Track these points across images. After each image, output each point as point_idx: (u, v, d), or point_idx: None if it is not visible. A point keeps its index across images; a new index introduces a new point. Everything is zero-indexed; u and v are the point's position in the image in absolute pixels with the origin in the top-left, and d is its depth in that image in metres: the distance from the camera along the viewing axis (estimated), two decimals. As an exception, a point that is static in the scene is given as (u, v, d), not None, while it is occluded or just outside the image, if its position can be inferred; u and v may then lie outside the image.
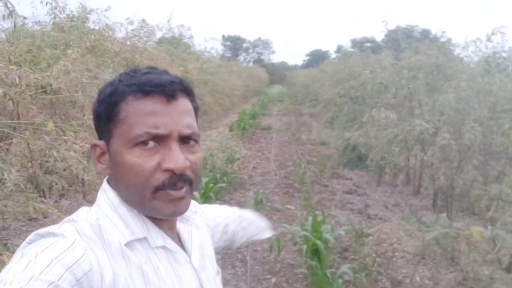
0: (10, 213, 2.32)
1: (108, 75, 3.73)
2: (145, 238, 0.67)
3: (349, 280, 3.53)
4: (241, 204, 5.61)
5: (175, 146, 0.65)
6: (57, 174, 2.77)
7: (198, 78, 8.88)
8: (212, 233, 0.93)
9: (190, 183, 0.68)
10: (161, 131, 0.64)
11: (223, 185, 5.72)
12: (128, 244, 0.64)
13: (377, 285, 3.56)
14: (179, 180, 0.65)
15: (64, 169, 2.66)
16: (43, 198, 2.48)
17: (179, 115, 0.66)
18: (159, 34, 8.50)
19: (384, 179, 6.98)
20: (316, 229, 3.57)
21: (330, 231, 3.75)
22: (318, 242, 3.34)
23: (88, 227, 0.63)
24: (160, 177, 0.64)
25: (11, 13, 3.79)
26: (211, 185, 5.22)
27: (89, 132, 3.08)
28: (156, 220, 0.69)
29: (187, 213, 0.76)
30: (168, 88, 0.66)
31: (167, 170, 0.64)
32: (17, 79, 2.46)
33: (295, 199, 6.07)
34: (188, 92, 0.71)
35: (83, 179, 3.06)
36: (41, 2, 5.21)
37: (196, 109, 0.73)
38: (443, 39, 5.71)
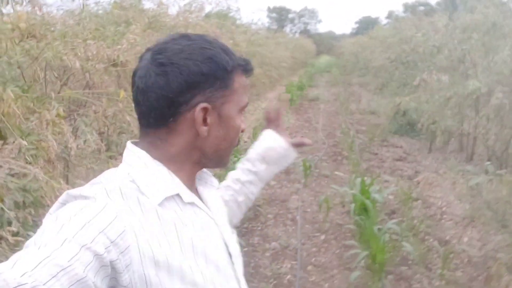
0: (96, 172, 2.70)
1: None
2: (176, 195, 0.70)
3: (397, 239, 3.68)
4: (290, 171, 5.84)
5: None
6: (129, 134, 3.14)
7: (247, 50, 9.05)
8: None
9: None
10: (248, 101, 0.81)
11: (273, 152, 5.95)
12: (161, 201, 0.68)
13: (424, 244, 3.68)
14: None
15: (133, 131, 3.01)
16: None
17: None
18: (208, 8, 8.69)
19: (436, 146, 6.88)
20: (365, 190, 3.73)
21: (378, 191, 3.88)
22: (367, 201, 3.50)
23: (118, 188, 0.65)
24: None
25: (80, -6, 4.17)
26: (262, 151, 5.47)
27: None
28: (183, 179, 0.74)
29: (205, 175, 0.84)
30: (253, 72, 0.81)
31: (242, 130, 0.79)
32: (94, 53, 2.80)
33: (344, 166, 6.19)
34: None
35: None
36: (101, -17, 5.59)
37: None
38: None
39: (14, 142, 2.36)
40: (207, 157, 0.76)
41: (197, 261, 0.68)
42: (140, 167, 0.70)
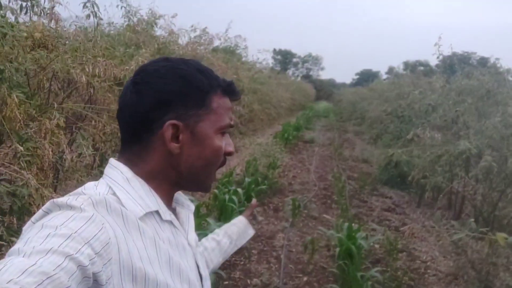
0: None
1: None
2: (155, 212, 0.73)
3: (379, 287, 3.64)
4: (279, 208, 5.83)
5: (228, 134, 0.81)
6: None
7: (249, 86, 9.26)
8: None
9: None
10: (232, 123, 0.80)
11: (264, 187, 5.96)
12: (142, 216, 0.70)
13: (406, 297, 3.64)
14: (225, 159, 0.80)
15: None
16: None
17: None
18: (217, 43, 8.98)
19: (425, 201, 6.93)
20: (351, 235, 3.72)
21: (364, 238, 3.87)
22: (352, 246, 3.49)
23: (103, 200, 0.65)
24: (222, 158, 0.79)
25: (95, 14, 4.31)
26: (253, 186, 5.48)
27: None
28: (162, 197, 0.76)
29: (182, 199, 0.86)
30: (238, 95, 0.83)
31: (228, 153, 0.79)
32: (102, 70, 2.87)
33: (332, 210, 6.19)
34: None
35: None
36: (117, 6, 5.79)
37: None
38: (498, 65, 5.66)
39: (10, 146, 2.37)
40: (183, 177, 0.76)
41: (173, 278, 0.69)
42: (121, 182, 0.71)
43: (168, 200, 0.78)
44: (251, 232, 1.22)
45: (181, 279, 0.71)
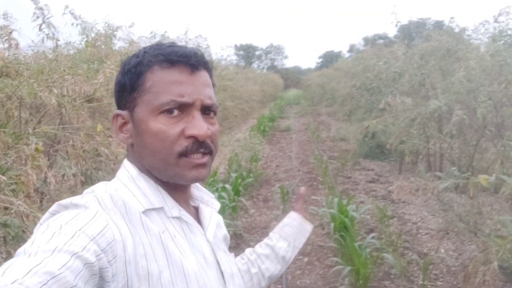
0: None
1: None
2: (161, 208, 0.70)
3: (378, 255, 3.76)
4: (268, 198, 5.90)
5: (198, 114, 0.69)
6: (107, 168, 3.13)
7: (218, 84, 9.26)
8: None
9: (210, 152, 0.72)
10: (185, 99, 0.68)
11: (250, 180, 6.02)
12: (146, 213, 0.67)
13: (403, 258, 3.78)
14: (201, 146, 0.69)
15: (114, 164, 3.02)
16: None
17: (201, 86, 0.71)
18: (178, 46, 8.93)
19: (405, 167, 7.16)
20: (342, 209, 3.82)
21: (355, 210, 3.98)
22: (345, 219, 3.59)
23: (108, 197, 0.64)
24: (183, 143, 0.68)
25: (53, 34, 4.23)
26: (239, 180, 5.53)
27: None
28: (172, 193, 0.73)
29: (207, 198, 0.83)
30: (193, 59, 0.70)
31: (190, 136, 0.68)
32: (71, 88, 2.84)
33: (320, 190, 6.31)
34: (207, 66, 0.75)
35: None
36: (72, 24, 5.69)
37: (213, 85, 0.77)
38: (452, 24, 5.90)
39: (-8, 178, 2.32)
40: (152, 169, 0.71)
41: (179, 276, 0.66)
42: (126, 181, 0.71)
43: (180, 195, 0.75)
44: (309, 227, 1.08)
45: (190, 278, 0.67)
